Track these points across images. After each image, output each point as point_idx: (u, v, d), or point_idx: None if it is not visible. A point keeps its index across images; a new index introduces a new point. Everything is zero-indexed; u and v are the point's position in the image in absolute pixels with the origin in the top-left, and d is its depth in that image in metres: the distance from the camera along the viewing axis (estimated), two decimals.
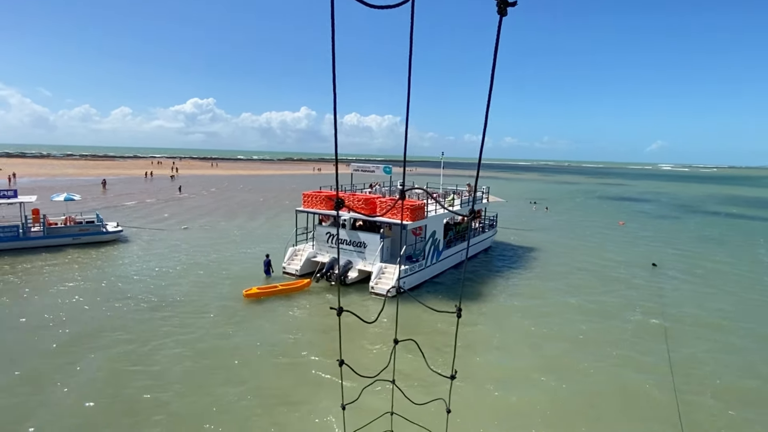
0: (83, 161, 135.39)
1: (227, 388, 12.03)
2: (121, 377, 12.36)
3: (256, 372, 12.99)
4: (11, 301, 17.80)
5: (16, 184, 56.08)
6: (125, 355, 13.63)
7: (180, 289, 19.92)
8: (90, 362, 13.14)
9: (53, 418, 10.47)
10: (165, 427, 10.33)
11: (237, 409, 11.10)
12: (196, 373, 12.76)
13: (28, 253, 24.96)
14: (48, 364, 12.95)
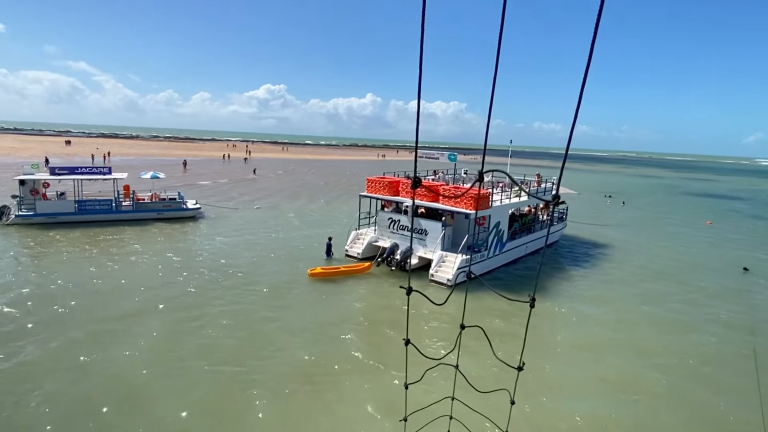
0: (167, 142, 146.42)
1: (290, 359, 12.61)
2: (184, 341, 13.36)
3: (321, 346, 13.48)
4: (99, 268, 19.80)
5: (110, 163, 61.94)
6: (192, 322, 14.70)
7: (251, 265, 21.08)
8: (153, 326, 14.33)
9: (109, 375, 11.57)
10: (218, 390, 11.05)
11: (296, 382, 11.60)
12: (261, 342, 13.48)
13: (119, 225, 27.57)
14: (116, 324, 14.28)
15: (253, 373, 11.90)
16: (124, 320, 14.61)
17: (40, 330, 13.60)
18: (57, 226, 26.36)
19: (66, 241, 23.83)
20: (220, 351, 12.96)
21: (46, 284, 17.42)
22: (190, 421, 9.88)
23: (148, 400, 10.49)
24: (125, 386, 10.97)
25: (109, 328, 14.02)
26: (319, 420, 10.16)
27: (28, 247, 22.68)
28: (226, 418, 10.05)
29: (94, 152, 76.96)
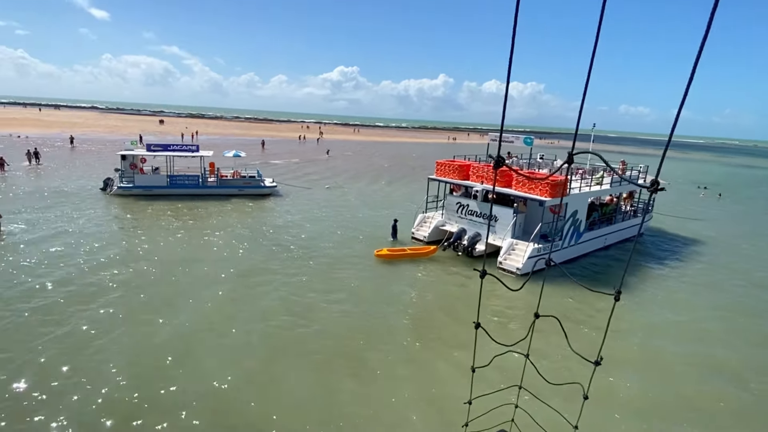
0: (247, 123, 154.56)
1: (351, 335, 13.01)
2: (246, 307, 14.21)
3: (384, 323, 13.77)
4: (183, 237, 21.54)
5: (197, 141, 66.69)
6: (258, 288, 15.59)
7: (319, 242, 21.89)
8: (223, 290, 15.35)
9: (175, 333, 12.57)
10: (272, 360, 11.65)
11: (354, 357, 11.95)
12: (322, 316, 14.02)
13: (204, 199, 29.76)
14: (190, 288, 15.48)
15: (311, 344, 12.43)
16: (198, 284, 15.87)
17: (124, 287, 15.18)
18: (151, 198, 29.04)
19: (158, 211, 26.22)
20: (272, 321, 13.67)
21: (136, 248, 19.36)
22: (236, 380, 10.58)
23: (204, 357, 11.37)
24: (186, 343, 11.97)
25: (184, 290, 15.30)
26: (374, 396, 10.43)
27: (125, 215, 25.26)
28: (275, 386, 10.62)
29: (183, 131, 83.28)
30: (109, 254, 18.46)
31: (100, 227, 22.37)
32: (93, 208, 25.88)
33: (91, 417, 9.09)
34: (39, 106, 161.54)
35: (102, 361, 10.99)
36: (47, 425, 8.81)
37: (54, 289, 14.74)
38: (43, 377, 10.20)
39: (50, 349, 11.28)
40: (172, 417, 9.21)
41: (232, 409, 9.64)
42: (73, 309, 13.48)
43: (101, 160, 43.76)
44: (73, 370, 10.55)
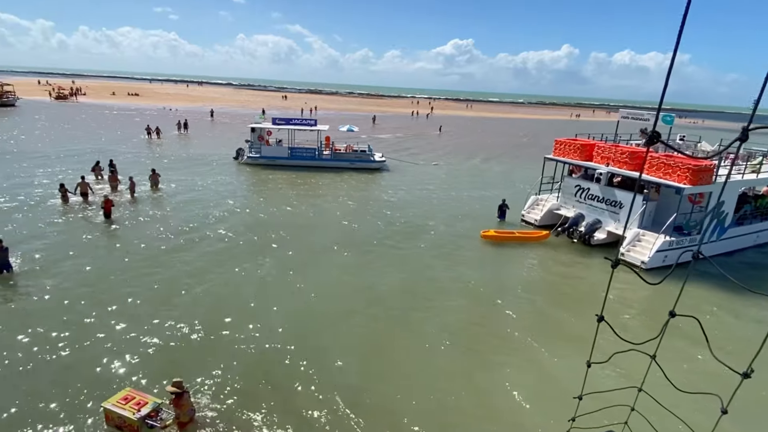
0: (360, 99, 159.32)
1: (455, 314, 12.99)
2: (353, 279, 14.81)
3: (489, 307, 13.54)
4: (300, 205, 23.17)
5: (316, 116, 70.69)
6: (365, 262, 16.18)
7: (425, 218, 22.05)
8: (332, 260, 16.16)
9: (284, 295, 13.49)
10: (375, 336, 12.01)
11: (459, 338, 11.92)
12: (425, 293, 14.16)
13: (319, 171, 31.65)
14: (300, 254, 16.54)
15: (411, 320, 12.66)
16: (309, 252, 17.02)
17: (245, 248, 16.87)
18: (274, 168, 31.72)
19: (279, 180, 28.60)
20: (382, 295, 14.10)
21: (260, 213, 21.39)
22: (340, 347, 11.17)
23: (314, 321, 12.19)
24: (299, 310, 12.94)
25: (297, 257, 16.54)
26: (478, 379, 10.33)
27: (252, 182, 28.01)
28: (375, 357, 11.01)
29: (303, 106, 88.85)
30: (236, 217, 20.74)
31: (230, 190, 25.18)
32: (226, 174, 29.13)
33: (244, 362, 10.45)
34: (186, 83, 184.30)
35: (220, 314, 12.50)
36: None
37: (188, 233, 17.05)
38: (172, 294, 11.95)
39: (190, 284, 13.16)
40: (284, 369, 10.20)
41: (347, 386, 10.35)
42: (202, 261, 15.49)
43: (234, 131, 48.78)
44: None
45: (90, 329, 11.04)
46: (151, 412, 7.88)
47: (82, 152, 33.00)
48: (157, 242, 16.96)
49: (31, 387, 8.96)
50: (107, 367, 9.80)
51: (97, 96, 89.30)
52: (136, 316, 11.76)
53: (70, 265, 14.48)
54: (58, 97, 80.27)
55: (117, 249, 16.22)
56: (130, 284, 13.47)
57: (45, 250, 15.51)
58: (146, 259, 15.34)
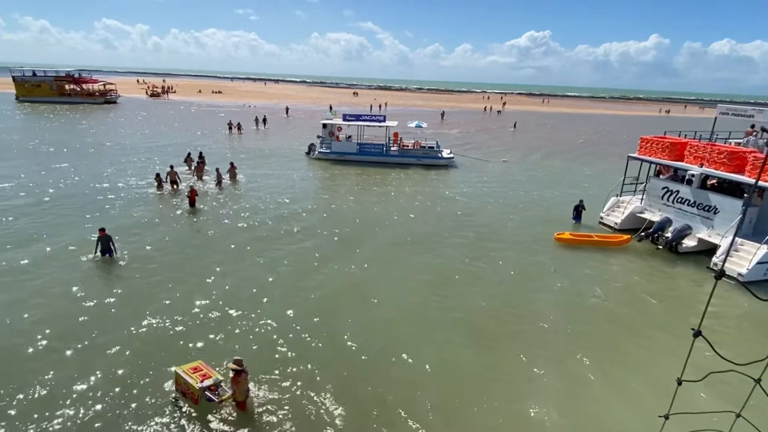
0: (429, 94, 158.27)
1: (531, 319, 12.46)
2: (417, 274, 14.61)
3: (567, 313, 12.84)
4: (368, 200, 23.41)
5: (385, 112, 71.26)
6: (433, 259, 15.94)
7: (494, 218, 21.41)
8: (396, 254, 16.05)
9: (348, 283, 13.52)
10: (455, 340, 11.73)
11: (535, 344, 11.40)
12: (501, 295, 13.70)
13: (387, 167, 31.85)
14: (365, 246, 16.59)
15: (481, 325, 12.30)
16: (375, 246, 17.12)
17: (315, 240, 17.30)
18: (343, 163, 32.42)
19: (348, 174, 29.19)
20: (449, 295, 13.83)
21: (329, 206, 21.92)
22: (425, 358, 11.04)
23: (377, 309, 12.20)
24: (359, 290, 13.02)
25: (362, 251, 16.69)
26: (556, 387, 9.82)
27: (322, 176, 28.85)
28: (441, 360, 10.79)
29: (372, 102, 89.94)
30: (305, 204, 21.50)
31: (301, 184, 26.12)
32: (298, 169, 30.25)
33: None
34: (264, 81, 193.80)
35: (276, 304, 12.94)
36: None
37: (262, 224, 17.87)
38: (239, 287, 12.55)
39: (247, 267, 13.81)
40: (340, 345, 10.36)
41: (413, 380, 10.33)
42: (274, 245, 16.15)
43: (307, 127, 50.52)
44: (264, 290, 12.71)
45: (176, 307, 11.96)
46: (211, 386, 8.47)
47: (172, 145, 35.92)
48: (235, 232, 17.99)
49: (124, 347, 9.90)
50: (188, 339, 10.67)
51: (185, 93, 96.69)
52: (217, 299, 12.55)
53: (160, 250, 15.78)
54: (152, 94, 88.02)
55: (201, 236, 17.44)
56: (208, 271, 14.41)
57: (139, 235, 17.04)
58: (226, 248, 16.33)
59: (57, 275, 13.61)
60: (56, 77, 70.20)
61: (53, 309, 11.75)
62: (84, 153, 32.04)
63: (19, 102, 66.50)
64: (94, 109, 62.41)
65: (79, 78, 71.95)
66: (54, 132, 41.62)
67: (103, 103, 69.43)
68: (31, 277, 13.40)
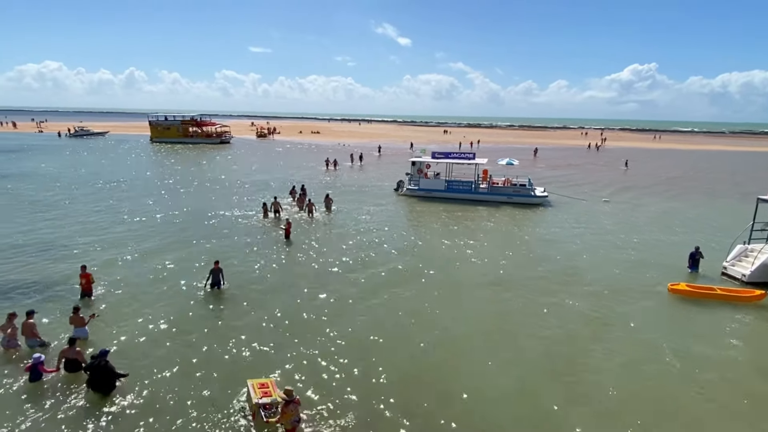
0: (520, 131, 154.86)
1: (629, 381, 11.01)
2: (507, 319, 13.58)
3: (680, 379, 11.18)
4: (455, 237, 22.89)
5: (476, 149, 70.86)
6: (522, 305, 14.86)
7: (594, 263, 19.70)
8: (481, 296, 15.16)
9: (438, 327, 12.82)
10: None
11: (630, 414, 9.98)
12: (591, 349, 12.33)
13: (476, 204, 31.22)
14: (450, 288, 15.89)
15: (578, 381, 11.08)
16: (456, 285, 16.48)
17: (398, 274, 17.11)
18: (431, 200, 32.45)
19: (435, 211, 29.06)
20: (532, 346, 12.72)
21: (415, 242, 21.80)
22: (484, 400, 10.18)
23: (465, 351, 11.47)
24: (448, 339, 12.39)
25: (443, 289, 16.14)
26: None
27: (410, 213, 29.06)
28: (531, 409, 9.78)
29: (461, 140, 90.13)
30: (391, 240, 21.64)
31: (390, 219, 26.52)
32: (386, 204, 30.87)
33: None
34: (358, 121, 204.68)
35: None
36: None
37: (351, 256, 18.22)
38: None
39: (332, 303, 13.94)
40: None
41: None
42: (356, 274, 16.31)
43: (396, 165, 51.87)
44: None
45: (266, 333, 12.49)
46: (267, 404, 8.90)
47: (276, 179, 39.05)
48: (323, 264, 18.58)
49: (221, 359, 10.47)
50: (271, 358, 11.16)
51: (287, 134, 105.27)
52: (299, 326, 12.91)
53: (261, 282, 16.79)
54: (259, 135, 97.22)
55: (294, 265, 18.32)
56: (296, 301, 14.96)
57: (241, 261, 18.35)
58: (316, 277, 16.93)
59: (170, 299, 15.02)
60: (182, 121, 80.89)
61: (175, 313, 12.90)
62: (201, 186, 35.97)
63: (153, 142, 77.32)
64: (212, 149, 70.41)
65: (200, 121, 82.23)
66: (179, 168, 47.72)
67: (219, 143, 78.13)
68: (150, 299, 14.94)
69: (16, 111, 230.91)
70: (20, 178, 38.51)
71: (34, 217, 25.23)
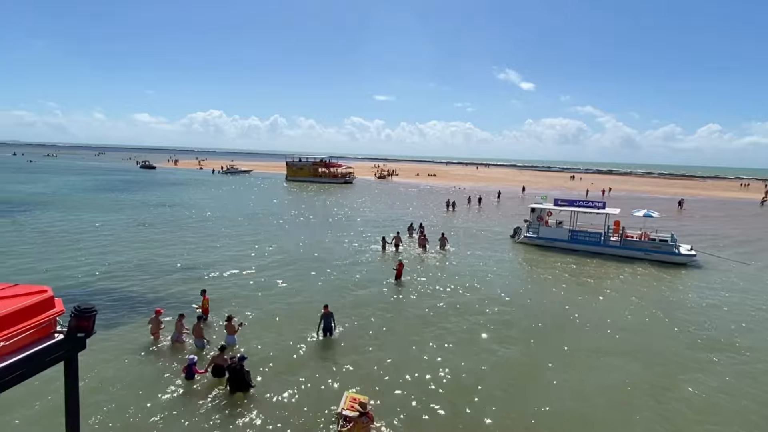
0: (661, 179, 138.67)
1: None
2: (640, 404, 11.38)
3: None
4: (577, 294, 20.63)
5: (607, 198, 65.09)
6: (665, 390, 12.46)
7: (756, 337, 16.10)
8: (602, 366, 12.99)
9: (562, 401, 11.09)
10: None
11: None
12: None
13: (604, 258, 28.12)
14: (566, 354, 13.93)
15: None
16: (577, 351, 14.55)
17: (504, 327, 15.74)
18: (552, 250, 30.16)
19: (555, 263, 26.83)
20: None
21: (531, 295, 20.13)
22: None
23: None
24: (567, 413, 10.79)
25: (560, 354, 14.34)
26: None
27: (526, 262, 27.25)
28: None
29: (588, 187, 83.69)
30: (504, 288, 20.27)
31: (503, 266, 25.18)
32: (501, 251, 29.48)
33: None
34: (476, 165, 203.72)
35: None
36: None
37: (458, 302, 17.43)
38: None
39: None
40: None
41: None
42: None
43: (513, 210, 49.90)
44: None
45: (377, 368, 12.40)
46: (348, 417, 9.57)
47: (396, 217, 40.37)
48: (433, 306, 18.14)
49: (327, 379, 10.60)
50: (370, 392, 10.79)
51: (405, 176, 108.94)
52: (404, 369, 12.56)
53: (365, 326, 17.02)
54: (379, 176, 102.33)
55: (404, 308, 18.23)
56: (405, 346, 14.69)
57: (356, 308, 18.45)
58: (423, 323, 16.56)
59: (288, 338, 15.93)
60: (313, 162, 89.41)
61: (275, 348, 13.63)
62: (326, 221, 38.65)
63: (288, 181, 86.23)
64: (336, 188, 76.08)
65: (328, 163, 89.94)
66: (309, 205, 52.53)
67: (343, 183, 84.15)
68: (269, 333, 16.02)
69: (184, 151, 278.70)
70: (181, 206, 45.74)
71: (185, 238, 29.36)
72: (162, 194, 57.40)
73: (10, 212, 37.97)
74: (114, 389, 11.38)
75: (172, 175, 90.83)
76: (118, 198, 52.25)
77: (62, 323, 4.24)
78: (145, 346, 13.90)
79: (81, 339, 4.15)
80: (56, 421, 4.89)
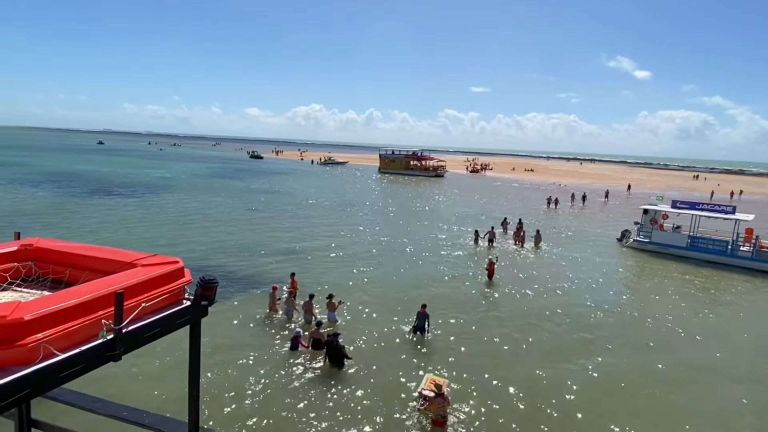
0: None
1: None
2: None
3: None
4: (694, 309, 18.25)
5: (737, 201, 56.87)
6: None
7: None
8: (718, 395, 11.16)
9: None
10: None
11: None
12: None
13: (731, 270, 24.62)
14: (678, 373, 12.23)
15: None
16: (696, 374, 12.81)
17: (590, 339, 14.35)
18: (666, 257, 27.10)
19: (670, 272, 24.06)
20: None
21: (639, 306, 18.21)
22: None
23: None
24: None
25: (677, 377, 12.74)
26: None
27: (636, 270, 24.83)
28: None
29: (714, 188, 73.69)
30: (607, 299, 18.62)
31: (606, 272, 23.16)
32: (605, 255, 27.08)
33: None
34: (580, 161, 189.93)
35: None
36: None
37: (550, 306, 16.42)
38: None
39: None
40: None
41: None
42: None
43: (622, 212, 45.68)
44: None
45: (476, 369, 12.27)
46: (427, 396, 10.05)
47: (487, 213, 39.53)
48: (529, 310, 17.34)
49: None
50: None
51: (499, 171, 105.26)
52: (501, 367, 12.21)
53: (458, 325, 16.80)
54: (472, 170, 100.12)
55: (495, 309, 17.71)
56: (497, 342, 14.27)
57: (449, 308, 17.68)
58: (516, 327, 15.92)
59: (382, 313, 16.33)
60: (406, 155, 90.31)
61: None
62: (416, 214, 38.95)
63: (380, 173, 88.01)
64: (427, 181, 75.99)
65: (420, 156, 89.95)
66: (400, 197, 53.36)
67: (434, 177, 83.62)
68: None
69: (287, 142, 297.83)
70: (284, 194, 49.26)
71: (286, 222, 31.45)
72: (267, 182, 62.13)
73: (143, 194, 43.93)
74: (229, 351, 12.74)
75: (276, 165, 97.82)
76: (230, 184, 57.79)
77: (188, 292, 4.76)
78: (256, 317, 15.32)
79: (204, 306, 4.61)
80: (181, 374, 5.50)
